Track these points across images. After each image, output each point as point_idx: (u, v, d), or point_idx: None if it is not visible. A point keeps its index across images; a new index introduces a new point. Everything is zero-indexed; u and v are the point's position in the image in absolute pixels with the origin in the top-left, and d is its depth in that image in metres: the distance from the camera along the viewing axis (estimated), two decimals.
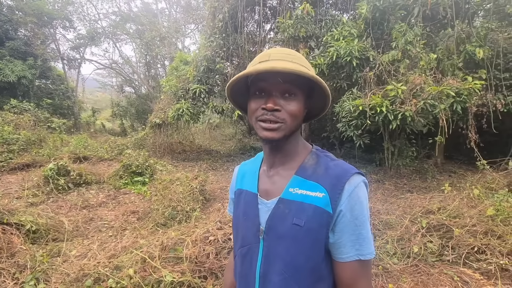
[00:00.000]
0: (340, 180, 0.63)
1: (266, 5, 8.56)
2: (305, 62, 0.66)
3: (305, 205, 0.64)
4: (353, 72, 5.84)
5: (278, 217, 0.67)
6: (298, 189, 0.66)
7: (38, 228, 2.95)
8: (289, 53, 0.64)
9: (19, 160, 6.23)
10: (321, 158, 0.70)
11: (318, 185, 0.64)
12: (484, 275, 2.51)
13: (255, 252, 0.70)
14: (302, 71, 0.58)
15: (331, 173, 0.65)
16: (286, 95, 0.64)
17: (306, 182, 0.66)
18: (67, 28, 16.11)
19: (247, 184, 0.79)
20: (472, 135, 5.29)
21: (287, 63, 0.60)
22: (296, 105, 0.64)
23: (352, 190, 0.62)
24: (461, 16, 5.52)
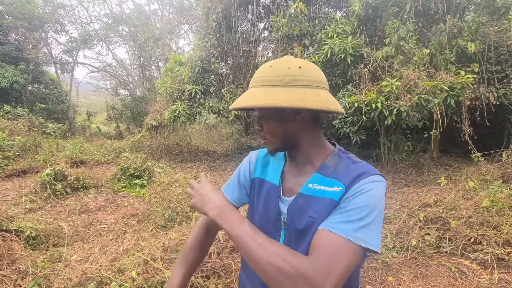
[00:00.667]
0: (359, 177, 0.65)
1: (260, 4, 8.57)
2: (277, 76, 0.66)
3: (321, 199, 0.67)
4: (348, 69, 5.88)
5: (297, 210, 0.71)
6: (317, 185, 0.69)
7: (37, 234, 2.94)
8: (262, 74, 0.69)
9: (15, 167, 6.17)
10: (342, 159, 0.72)
11: (337, 181, 0.67)
12: (481, 265, 2.56)
13: (276, 240, 0.71)
14: (250, 104, 0.66)
15: (352, 171, 0.67)
16: (261, 116, 0.74)
17: (325, 179, 0.69)
18: (59, 31, 15.96)
19: (270, 176, 0.82)
20: (466, 128, 5.37)
21: (251, 95, 0.67)
22: (269, 125, 0.73)
23: (367, 183, 0.63)
24: (452, 11, 5.59)
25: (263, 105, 0.64)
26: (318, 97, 0.65)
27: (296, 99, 0.63)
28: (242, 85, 8.15)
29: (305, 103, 0.63)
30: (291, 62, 0.68)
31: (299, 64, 0.67)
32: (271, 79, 0.66)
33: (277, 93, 0.64)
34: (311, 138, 0.74)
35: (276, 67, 0.67)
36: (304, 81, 0.66)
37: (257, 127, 0.76)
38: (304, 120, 0.72)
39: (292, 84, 0.65)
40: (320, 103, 0.64)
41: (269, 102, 0.64)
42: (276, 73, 0.66)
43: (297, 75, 0.65)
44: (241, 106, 0.68)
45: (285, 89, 0.65)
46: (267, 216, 0.77)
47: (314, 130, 0.74)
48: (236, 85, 8.35)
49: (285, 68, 0.66)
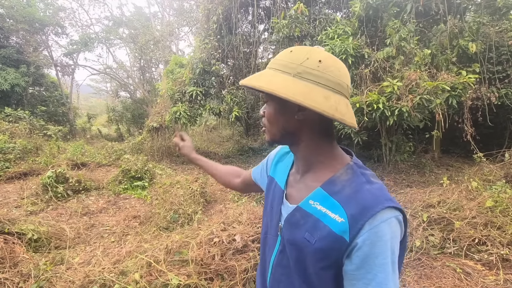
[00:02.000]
0: (366, 210, 0.55)
1: (260, 6, 8.59)
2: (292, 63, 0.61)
3: (321, 224, 0.60)
4: (349, 69, 5.87)
5: (292, 224, 0.67)
6: (319, 204, 0.62)
7: (39, 236, 2.93)
8: (280, 57, 0.65)
9: (16, 169, 6.16)
10: (356, 176, 0.63)
11: (340, 207, 0.59)
12: (486, 266, 2.54)
13: (273, 244, 0.75)
14: (252, 84, 0.63)
15: (360, 199, 0.57)
16: (266, 101, 0.70)
17: (329, 198, 0.61)
18: (60, 34, 16.00)
19: (278, 175, 0.81)
20: (468, 129, 5.36)
21: (259, 75, 0.64)
22: (269, 112, 0.69)
23: (377, 224, 0.54)
24: (453, 11, 5.60)
25: (261, 87, 0.60)
26: (325, 99, 0.58)
27: (298, 93, 0.57)
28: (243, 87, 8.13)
29: (305, 100, 0.56)
30: (313, 52, 0.61)
31: (320, 57, 0.60)
32: (285, 64, 0.62)
33: (282, 81, 0.59)
34: (314, 143, 0.67)
35: (296, 54, 0.62)
36: (317, 77, 0.59)
37: (261, 113, 0.72)
38: (308, 121, 0.64)
39: (302, 76, 0.59)
40: (323, 106, 0.57)
41: (269, 87, 0.59)
42: (292, 60, 0.61)
43: (312, 68, 0.59)
44: (246, 84, 0.64)
45: (293, 79, 0.59)
46: (272, 218, 0.77)
47: (319, 135, 0.67)
48: (237, 87, 8.35)
49: (303, 58, 0.60)
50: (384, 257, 0.54)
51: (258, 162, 4.16)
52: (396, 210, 0.57)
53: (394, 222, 0.56)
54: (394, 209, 0.57)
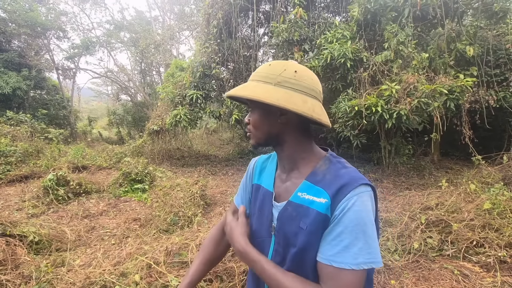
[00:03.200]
0: (344, 188, 0.65)
1: (259, 10, 8.67)
2: (272, 74, 0.69)
3: (310, 210, 0.68)
4: (348, 73, 5.93)
5: (286, 218, 0.73)
6: (306, 194, 0.70)
7: (40, 239, 2.95)
8: (260, 70, 0.72)
9: (17, 172, 6.20)
10: (332, 164, 0.73)
11: (323, 191, 0.68)
12: (484, 268, 2.56)
13: (267, 245, 0.78)
14: (239, 94, 0.69)
15: (338, 181, 0.67)
16: (250, 110, 0.78)
17: (313, 187, 0.70)
18: (61, 38, 16.13)
19: (265, 181, 0.85)
20: (467, 131, 5.39)
21: (244, 87, 0.71)
22: (254, 118, 0.75)
23: (350, 197, 0.63)
24: (450, 15, 5.66)
25: (247, 95, 0.67)
26: (303, 102, 0.67)
27: (280, 99, 0.65)
28: None
29: (287, 104, 0.65)
30: (289, 65, 0.70)
31: (296, 69, 0.70)
32: (265, 75, 0.70)
33: (265, 89, 0.67)
34: (297, 142, 0.75)
35: (274, 67, 0.70)
36: (295, 84, 0.68)
37: (246, 120, 0.78)
38: (290, 123, 0.73)
39: (282, 85, 0.68)
40: (303, 108, 0.66)
41: (255, 95, 0.67)
42: (272, 72, 0.69)
43: (290, 78, 0.68)
44: (233, 94, 0.70)
45: (274, 87, 0.67)
46: (261, 222, 0.80)
47: (301, 135, 0.75)
48: None
49: (281, 69, 0.69)
50: (355, 225, 0.62)
51: None
52: (368, 186, 0.67)
53: (366, 196, 0.65)
54: (366, 186, 0.66)
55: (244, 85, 0.72)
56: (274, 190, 0.80)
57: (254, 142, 0.77)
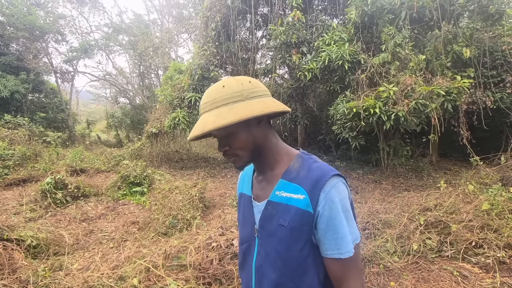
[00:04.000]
0: (318, 182, 0.69)
1: (257, 13, 8.72)
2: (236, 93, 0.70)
3: (289, 207, 0.71)
4: (346, 75, 5.95)
5: (267, 217, 0.76)
6: (284, 192, 0.74)
7: (38, 243, 2.93)
8: (218, 95, 0.70)
9: (15, 176, 6.17)
10: (305, 161, 0.77)
11: (300, 187, 0.71)
12: (483, 268, 2.56)
13: (252, 248, 0.81)
14: (227, 122, 0.66)
15: (312, 176, 0.71)
16: (225, 136, 0.74)
17: (290, 185, 0.73)
18: (60, 41, 16.13)
19: (245, 188, 0.90)
20: (464, 132, 5.42)
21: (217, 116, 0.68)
22: (239, 139, 0.73)
23: (328, 191, 0.68)
24: (447, 18, 5.70)
25: (240, 119, 0.66)
26: (274, 102, 0.73)
27: (262, 107, 0.69)
28: None
29: (270, 108, 0.70)
30: (239, 79, 0.72)
31: (246, 79, 0.73)
32: (230, 96, 0.69)
33: (244, 106, 0.68)
34: (273, 144, 0.79)
35: (230, 86, 0.71)
36: (258, 92, 0.72)
37: (224, 149, 0.76)
38: (266, 127, 0.77)
39: (251, 97, 0.70)
40: (278, 106, 0.72)
41: (245, 114, 0.66)
42: (233, 90, 0.70)
43: (251, 88, 0.71)
44: (212, 129, 0.66)
45: (247, 102, 0.69)
46: (245, 226, 0.84)
47: (273, 136, 0.79)
48: None
49: (239, 85, 0.71)
50: (340, 216, 0.68)
51: None
52: (340, 176, 0.72)
53: (341, 186, 0.71)
54: (338, 176, 0.71)
55: (215, 115, 0.68)
56: (252, 193, 0.84)
57: (242, 162, 0.77)
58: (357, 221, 2.63)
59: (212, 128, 0.66)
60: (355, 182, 5.89)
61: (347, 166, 7.08)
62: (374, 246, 2.80)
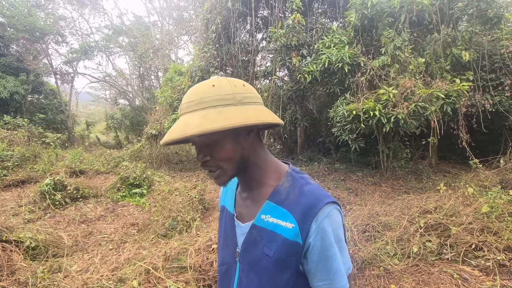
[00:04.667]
0: (310, 210, 0.62)
1: (258, 16, 8.76)
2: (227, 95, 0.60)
3: (275, 235, 0.64)
4: (345, 77, 5.98)
5: (251, 243, 0.68)
6: (270, 217, 0.66)
7: (37, 244, 2.92)
8: (207, 94, 0.59)
9: (13, 177, 6.15)
10: (296, 181, 0.68)
11: (289, 214, 0.64)
12: (483, 271, 2.56)
13: (233, 272, 0.73)
14: (219, 126, 0.55)
15: (303, 202, 0.63)
16: (207, 144, 0.63)
17: (278, 208, 0.66)
18: (60, 43, 16.15)
19: (227, 202, 0.81)
20: (464, 135, 5.44)
21: (204, 118, 0.57)
22: (221, 150, 0.63)
23: (321, 221, 0.61)
24: (446, 21, 5.74)
25: (232, 125, 0.55)
26: (268, 112, 0.64)
27: (257, 115, 0.60)
28: None
29: (266, 118, 0.61)
30: (232, 81, 0.63)
31: (240, 82, 0.64)
32: (221, 98, 0.59)
33: (236, 112, 0.58)
34: (262, 158, 0.70)
35: (221, 86, 0.61)
36: (253, 98, 0.63)
37: (204, 159, 0.64)
38: (255, 138, 0.68)
39: (245, 102, 0.61)
40: (273, 117, 0.64)
41: (238, 121, 0.56)
42: (225, 92, 0.60)
43: (245, 93, 0.62)
44: (197, 133, 0.55)
45: (240, 107, 0.60)
46: (227, 246, 0.76)
47: (262, 149, 0.70)
48: None
49: (232, 86, 0.61)
50: (333, 247, 0.62)
51: None
52: (334, 204, 0.64)
53: (335, 214, 0.63)
54: (331, 204, 0.63)
55: (202, 116, 0.57)
56: (235, 210, 0.76)
57: (227, 177, 0.66)
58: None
59: (197, 132, 0.54)
60: (354, 184, 5.89)
61: (346, 168, 7.09)
62: (374, 249, 2.80)
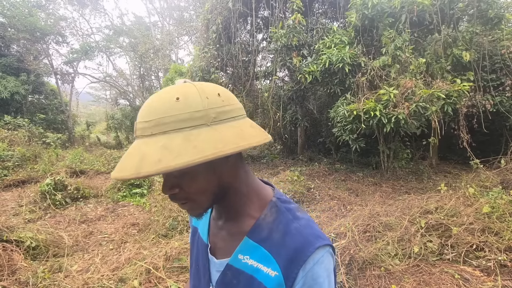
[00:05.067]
0: (298, 256, 0.51)
1: (258, 16, 8.77)
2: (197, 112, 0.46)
3: (255, 281, 0.54)
4: (346, 78, 5.98)
5: (225, 285, 0.59)
6: (249, 258, 0.56)
7: (38, 244, 2.92)
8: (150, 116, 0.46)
9: (14, 177, 6.15)
10: (281, 214, 0.57)
11: (272, 258, 0.53)
12: (484, 272, 2.55)
13: None
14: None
15: (289, 244, 0.53)
16: (175, 174, 0.50)
17: (258, 249, 0.55)
18: (60, 43, 16.15)
19: (200, 225, 0.69)
20: (464, 135, 5.43)
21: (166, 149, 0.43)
22: (192, 183, 0.51)
23: (310, 268, 0.51)
24: (446, 22, 5.74)
25: (203, 158, 0.42)
26: (253, 128, 0.51)
27: (237, 139, 0.46)
28: (242, 94, 8.24)
29: (248, 140, 0.48)
30: (203, 89, 0.49)
31: (214, 90, 0.50)
32: (187, 117, 0.45)
33: (210, 136, 0.45)
34: (243, 184, 0.58)
35: (188, 99, 0.46)
36: (232, 111, 0.50)
37: (172, 191, 0.51)
38: (236, 160, 0.55)
39: (220, 119, 0.48)
40: (258, 135, 0.51)
41: (212, 151, 0.43)
42: (193, 107, 0.45)
43: (221, 106, 0.48)
44: (155, 172, 0.41)
45: (215, 128, 0.46)
46: (199, 279, 0.66)
47: (244, 171, 0.58)
48: (236, 94, 8.41)
49: (203, 98, 0.47)
50: None
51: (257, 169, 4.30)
52: (326, 246, 0.53)
53: (326, 260, 0.53)
54: (323, 247, 0.53)
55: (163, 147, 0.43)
56: (209, 240, 0.64)
57: (201, 210, 0.55)
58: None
59: (155, 172, 0.41)
60: (355, 184, 5.89)
61: (347, 168, 7.08)
62: (375, 249, 2.79)
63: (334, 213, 4.31)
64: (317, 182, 5.91)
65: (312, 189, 5.37)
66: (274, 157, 9.44)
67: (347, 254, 2.73)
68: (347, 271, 2.58)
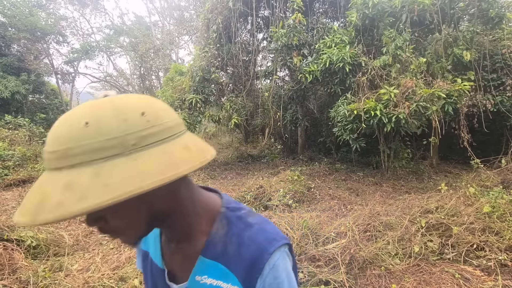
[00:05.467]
0: (254, 265, 0.51)
1: (259, 16, 8.76)
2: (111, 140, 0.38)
3: None
4: (346, 77, 5.97)
5: None
6: (207, 278, 0.53)
7: (38, 243, 2.92)
8: (56, 146, 0.39)
9: (15, 176, 6.16)
10: (232, 225, 0.55)
11: (230, 273, 0.52)
12: (484, 271, 2.55)
13: None
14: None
15: (245, 255, 0.51)
16: (106, 213, 0.44)
17: (215, 266, 0.53)
18: (61, 42, 16.17)
19: (152, 248, 0.64)
20: (465, 135, 5.43)
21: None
22: (116, 217, 0.44)
23: (267, 274, 0.51)
24: (447, 21, 5.73)
25: (115, 199, 0.35)
26: (187, 150, 0.44)
27: (163, 169, 0.39)
28: (242, 94, 8.25)
29: (176, 170, 0.40)
30: (120, 108, 0.40)
31: (137, 110, 0.41)
32: (100, 146, 0.37)
33: (126, 169, 0.37)
34: (186, 201, 0.53)
35: (100, 123, 0.38)
36: (160, 133, 0.42)
37: (97, 224, 0.44)
38: (171, 185, 0.42)
39: (142, 145, 0.40)
40: (195, 159, 0.43)
41: (126, 191, 0.36)
42: (106, 135, 0.38)
43: (144, 128, 0.40)
44: (55, 220, 0.35)
45: (134, 157, 0.39)
46: None
47: (185, 187, 0.53)
48: (236, 94, 8.45)
49: (119, 122, 0.39)
50: None
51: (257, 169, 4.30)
52: (281, 247, 0.53)
53: (282, 262, 0.52)
54: (279, 248, 0.52)
55: (66, 185, 0.36)
56: (164, 265, 0.60)
57: (134, 239, 0.49)
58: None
59: (54, 219, 0.35)
60: (355, 184, 5.89)
61: (347, 168, 7.08)
62: (376, 248, 2.79)
63: (334, 212, 4.31)
64: (317, 181, 5.91)
65: (313, 188, 5.37)
66: (275, 156, 9.44)
67: (347, 253, 2.73)
68: (347, 270, 2.58)
